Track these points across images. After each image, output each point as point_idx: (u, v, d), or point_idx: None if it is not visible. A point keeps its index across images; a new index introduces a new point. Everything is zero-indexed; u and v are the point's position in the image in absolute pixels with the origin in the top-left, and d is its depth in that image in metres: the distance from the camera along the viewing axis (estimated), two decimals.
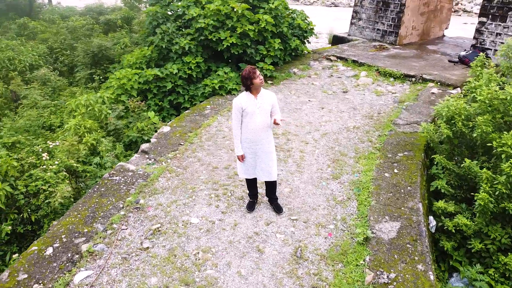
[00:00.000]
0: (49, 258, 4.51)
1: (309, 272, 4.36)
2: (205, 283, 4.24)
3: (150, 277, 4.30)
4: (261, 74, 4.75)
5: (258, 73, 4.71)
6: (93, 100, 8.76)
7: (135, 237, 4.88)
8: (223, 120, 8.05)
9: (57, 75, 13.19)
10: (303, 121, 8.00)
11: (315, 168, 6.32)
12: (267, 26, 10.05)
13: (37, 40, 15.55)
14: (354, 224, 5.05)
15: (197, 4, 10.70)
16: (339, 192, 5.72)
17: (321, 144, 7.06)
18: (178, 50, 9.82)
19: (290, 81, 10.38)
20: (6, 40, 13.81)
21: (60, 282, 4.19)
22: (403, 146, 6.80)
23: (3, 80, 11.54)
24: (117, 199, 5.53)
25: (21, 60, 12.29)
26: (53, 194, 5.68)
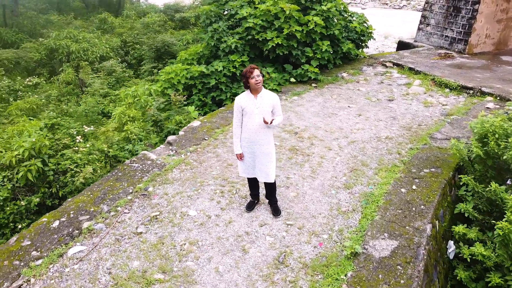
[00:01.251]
0: (53, 230, 4.93)
1: (285, 279, 4.24)
2: (181, 273, 4.33)
3: (133, 260, 4.50)
4: (260, 76, 4.66)
5: (256, 73, 4.63)
6: (141, 91, 9.32)
7: (133, 221, 5.13)
8: None
9: (124, 66, 14.23)
10: (334, 126, 7.75)
11: (329, 176, 6.10)
12: (316, 28, 9.87)
13: (114, 34, 16.90)
14: (349, 237, 4.79)
15: (251, 4, 10.85)
16: (345, 203, 5.46)
17: (344, 152, 6.79)
18: (225, 49, 10.05)
19: (336, 85, 10.08)
20: (86, 33, 15.21)
21: (55, 253, 4.57)
22: (432, 162, 6.28)
23: (75, 69, 12.73)
24: (129, 184, 5.85)
25: (93, 51, 13.46)
26: (77, 174, 6.18)
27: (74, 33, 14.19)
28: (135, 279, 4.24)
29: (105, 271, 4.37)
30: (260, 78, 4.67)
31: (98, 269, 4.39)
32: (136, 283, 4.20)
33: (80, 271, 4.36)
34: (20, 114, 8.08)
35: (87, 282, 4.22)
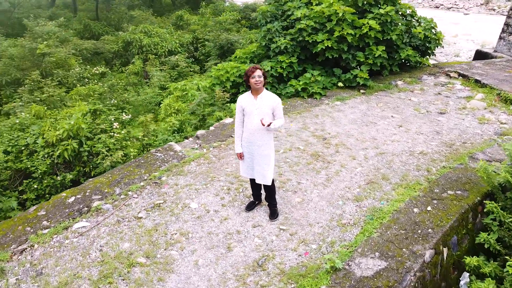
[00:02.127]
0: (67, 205, 5.42)
1: (257, 282, 4.20)
2: (163, 261, 4.50)
3: (125, 242, 4.78)
4: (262, 77, 4.61)
5: (257, 73, 4.60)
6: (190, 86, 9.75)
7: (138, 206, 5.43)
8: (287, 122, 8.00)
9: (191, 62, 14.94)
10: (367, 136, 7.37)
11: (343, 186, 5.85)
12: (370, 32, 9.44)
13: (187, 30, 17.80)
14: (338, 250, 4.57)
15: (308, 5, 10.71)
16: (349, 215, 5.20)
17: (368, 163, 6.44)
18: (275, 49, 10.06)
19: (386, 93, 9.55)
20: (159, 28, 16.24)
21: (62, 225, 5.03)
22: (461, 183, 5.69)
23: (144, 61, 13.69)
24: (146, 172, 6.19)
25: (163, 46, 14.33)
26: (107, 157, 6.70)
27: (148, 28, 15.29)
28: (120, 259, 4.51)
29: (98, 247, 4.71)
30: (260, 79, 4.63)
31: (93, 245, 4.74)
32: (119, 263, 4.46)
33: (77, 245, 4.75)
34: (78, 99, 8.98)
35: (78, 255, 4.58)
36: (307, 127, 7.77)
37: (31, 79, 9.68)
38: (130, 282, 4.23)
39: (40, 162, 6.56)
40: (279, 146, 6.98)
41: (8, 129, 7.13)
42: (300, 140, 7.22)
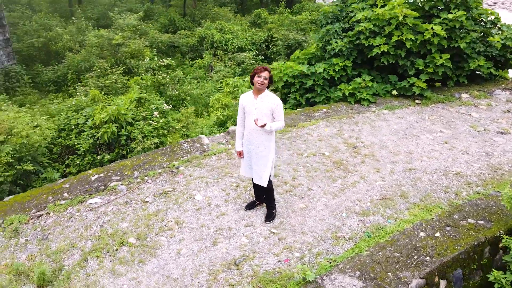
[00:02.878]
0: (89, 181, 5.95)
1: (227, 280, 4.21)
2: (150, 244, 4.73)
3: (124, 222, 5.12)
4: (267, 80, 4.58)
5: (264, 74, 4.58)
6: (240, 82, 9.96)
7: (149, 191, 5.76)
8: (323, 127, 7.78)
9: (260, 59, 15.18)
10: (403, 149, 6.86)
11: (354, 198, 5.54)
12: (433, 38, 8.71)
13: (263, 29, 18.07)
14: (320, 263, 4.37)
15: (373, 7, 10.21)
16: (348, 229, 4.93)
17: (392, 178, 6.00)
18: (331, 51, 9.79)
19: (444, 105, 8.74)
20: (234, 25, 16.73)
21: (78, 199, 5.54)
22: (488, 213, 5.04)
23: (213, 56, 14.26)
24: (167, 160, 6.52)
25: (233, 42, 14.77)
26: (140, 143, 7.18)
27: (223, 24, 15.84)
28: (114, 237, 4.84)
29: (100, 223, 5.11)
30: (266, 81, 4.59)
31: (96, 221, 5.15)
32: (112, 240, 4.79)
33: (84, 218, 5.20)
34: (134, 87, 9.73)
35: (81, 227, 5.02)
36: (341, 133, 7.48)
37: (98, 66, 10.75)
38: (114, 259, 4.52)
39: (85, 141, 7.27)
40: (305, 150, 6.83)
41: (66, 109, 8.02)
42: (328, 146, 6.98)
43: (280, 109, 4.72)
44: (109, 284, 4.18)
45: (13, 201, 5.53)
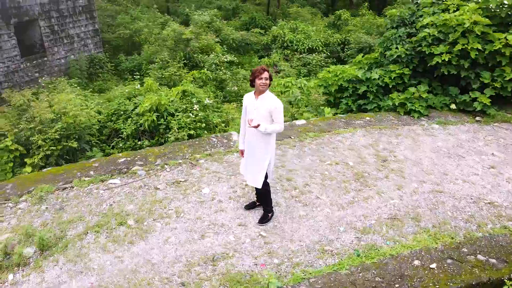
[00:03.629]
0: (115, 163, 6.45)
1: (199, 273, 4.29)
2: (145, 228, 5.00)
3: (131, 205, 5.48)
4: (268, 80, 4.54)
5: (265, 75, 4.54)
6: (291, 83, 9.91)
7: (164, 179, 6.06)
8: (359, 136, 7.40)
9: (331, 62, 14.85)
10: (439, 169, 6.25)
11: (360, 213, 5.23)
12: (504, 49, 7.72)
13: (343, 31, 17.58)
14: (295, 274, 4.23)
15: (445, 12, 9.36)
16: (339, 244, 4.68)
17: (412, 198, 5.53)
18: (389, 57, 9.23)
19: (509, 126, 7.71)
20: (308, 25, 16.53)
21: (101, 178, 6.06)
22: (506, 252, 4.40)
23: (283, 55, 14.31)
24: (191, 152, 6.77)
25: (304, 43, 14.65)
26: (175, 133, 7.56)
27: (298, 24, 15.73)
28: (116, 217, 5.21)
29: (110, 202, 5.53)
30: (267, 81, 4.56)
31: (108, 200, 5.59)
32: (114, 219, 5.16)
33: (99, 196, 5.68)
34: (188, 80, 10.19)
35: (94, 204, 5.49)
36: (376, 144, 7.05)
37: (160, 58, 11.50)
38: (109, 236, 4.88)
39: (129, 126, 7.87)
40: (330, 158, 6.59)
41: (120, 95, 8.76)
42: (356, 156, 6.64)
43: (279, 112, 4.63)
44: (95, 257, 4.53)
45: (49, 173, 6.24)
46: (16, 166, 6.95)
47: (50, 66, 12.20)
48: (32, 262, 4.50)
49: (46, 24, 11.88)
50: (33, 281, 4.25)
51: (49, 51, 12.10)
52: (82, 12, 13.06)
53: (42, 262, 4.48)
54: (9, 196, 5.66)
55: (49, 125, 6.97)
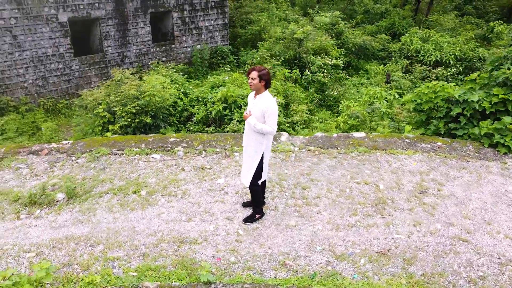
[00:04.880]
0: (166, 142, 7.22)
1: (162, 250, 4.64)
2: (151, 201, 5.57)
3: (153, 178, 6.13)
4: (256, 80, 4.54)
5: (251, 75, 4.55)
6: (381, 94, 9.30)
7: (194, 162, 6.57)
8: (414, 160, 6.58)
9: (460, 79, 13.12)
10: (483, 216, 5.18)
11: (351, 239, 4.79)
12: None
13: (492, 45, 15.21)
14: (239, 275, 4.23)
15: None
16: (304, 262, 4.43)
17: (421, 238, 4.77)
18: (496, 78, 7.78)
19: None
20: (447, 37, 14.73)
21: (146, 151, 6.91)
22: None
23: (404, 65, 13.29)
24: (233, 144, 7.10)
25: (431, 54, 13.28)
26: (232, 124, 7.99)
27: (432, 33, 14.07)
28: (136, 186, 5.92)
29: (140, 173, 6.30)
30: (253, 81, 4.60)
31: (141, 170, 6.36)
32: (133, 188, 5.88)
33: (135, 164, 6.51)
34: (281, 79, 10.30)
35: (127, 171, 6.33)
36: (427, 173, 6.19)
37: (258, 54, 11.84)
38: (120, 200, 5.61)
39: (201, 112, 8.63)
40: (363, 176, 6.10)
41: (206, 84, 9.58)
42: (392, 181, 5.98)
43: (271, 114, 4.59)
44: (99, 214, 5.31)
45: (113, 139, 7.38)
46: (104, 130, 8.38)
47: (176, 53, 13.98)
48: (57, 205, 5.54)
49: (179, 16, 13.61)
50: (49, 219, 5.26)
51: (177, 40, 13.85)
52: (214, 7, 14.48)
53: (62, 207, 5.48)
54: (75, 151, 6.96)
55: (132, 100, 8.17)
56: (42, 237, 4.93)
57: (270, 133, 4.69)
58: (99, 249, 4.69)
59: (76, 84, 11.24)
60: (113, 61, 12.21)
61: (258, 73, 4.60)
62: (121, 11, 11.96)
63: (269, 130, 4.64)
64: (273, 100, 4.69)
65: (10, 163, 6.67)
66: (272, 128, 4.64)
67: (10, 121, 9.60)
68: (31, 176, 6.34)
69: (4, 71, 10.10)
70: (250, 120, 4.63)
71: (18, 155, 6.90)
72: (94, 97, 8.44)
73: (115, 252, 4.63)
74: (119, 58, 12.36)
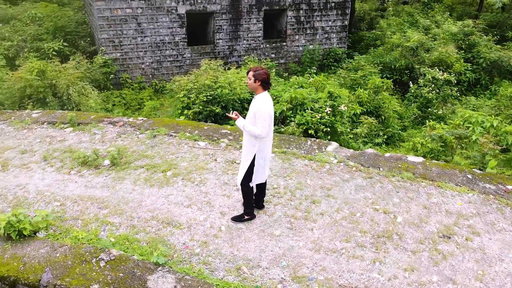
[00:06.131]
0: (217, 132, 7.63)
1: (148, 226, 5.05)
2: (171, 182, 6.05)
3: (185, 162, 6.59)
4: (250, 79, 4.57)
5: (249, 75, 4.63)
6: (477, 120, 8.03)
7: (230, 155, 6.80)
8: (462, 200, 5.52)
9: None
10: (502, 284, 4.12)
11: (323, 264, 4.41)
12: None
13: None
14: (193, 266, 4.36)
15: None
16: (258, 273, 4.30)
17: (403, 281, 4.09)
18: None
19: None
20: None
21: (196, 137, 7.42)
22: None
23: None
24: (275, 145, 7.06)
25: None
26: (290, 126, 7.93)
27: None
28: (167, 165, 6.46)
29: (178, 156, 6.83)
30: (249, 81, 4.63)
31: (181, 154, 6.90)
32: (165, 166, 6.44)
33: (180, 149, 7.08)
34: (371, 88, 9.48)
35: (170, 153, 6.94)
36: (468, 218, 5.16)
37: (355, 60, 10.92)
38: (148, 176, 6.23)
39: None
40: (386, 204, 5.44)
41: (289, 83, 9.60)
42: (418, 217, 5.18)
43: (259, 116, 4.55)
44: (125, 183, 6.04)
45: (176, 122, 8.12)
46: (182, 113, 9.24)
47: (286, 51, 14.15)
48: (101, 169, 6.48)
49: (294, 15, 13.71)
50: (87, 179, 6.22)
51: (289, 38, 13.99)
52: (334, 8, 14.12)
53: (103, 172, 6.40)
54: (141, 127, 7.92)
55: (206, 90, 8.80)
56: (74, 192, 5.89)
57: (258, 136, 4.63)
58: (104, 212, 5.38)
59: (186, 70, 12.52)
60: (222, 53, 13.15)
61: (254, 73, 4.59)
62: (235, 7, 12.76)
63: (257, 133, 4.59)
64: (266, 102, 4.61)
65: (91, 128, 7.99)
66: (260, 131, 4.57)
67: (124, 94, 11.35)
68: (100, 142, 7.50)
69: (127, 52, 11.96)
70: (238, 123, 4.64)
71: (100, 123, 8.20)
72: (180, 83, 9.35)
73: (113, 218, 5.25)
74: (228, 51, 13.25)
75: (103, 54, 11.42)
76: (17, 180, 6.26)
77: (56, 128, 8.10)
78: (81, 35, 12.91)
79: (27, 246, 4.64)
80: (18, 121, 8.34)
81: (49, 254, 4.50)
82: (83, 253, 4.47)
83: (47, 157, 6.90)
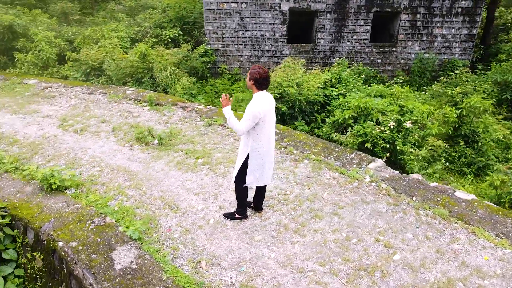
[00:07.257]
0: None
1: (154, 205, 5.46)
2: (197, 168, 6.39)
3: (220, 154, 6.81)
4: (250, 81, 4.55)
5: (248, 76, 4.61)
6: None
7: None
8: (492, 254, 4.46)
9: None
10: None
11: (284, 282, 4.16)
12: None
13: None
14: (164, 253, 4.61)
15: None
16: (213, 274, 4.30)
17: None
18: None
19: None
20: None
21: None
22: None
23: None
24: (318, 153, 6.76)
25: None
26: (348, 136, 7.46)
27: None
28: (203, 153, 6.82)
29: (220, 145, 7.11)
30: (248, 82, 4.60)
31: (223, 145, 7.16)
32: (200, 153, 6.80)
33: (224, 138, 7.34)
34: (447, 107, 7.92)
35: (212, 142, 7.27)
36: (484, 277, 4.18)
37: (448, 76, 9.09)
38: (182, 159, 6.67)
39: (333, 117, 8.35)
40: (396, 241, 4.77)
41: (369, 91, 8.91)
42: (421, 259, 4.42)
43: (245, 114, 4.55)
44: (159, 162, 6.60)
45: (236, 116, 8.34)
46: None
47: (395, 57, 12.91)
48: (149, 146, 7.18)
49: (408, 19, 12.38)
50: (133, 153, 6.99)
51: (400, 43, 12.71)
52: (460, 14, 12.27)
53: (149, 149, 7.10)
54: (203, 115, 8.41)
55: (277, 87, 8.83)
56: (117, 162, 6.68)
57: (236, 131, 4.61)
58: (126, 184, 6.00)
59: None
60: (323, 53, 12.78)
61: (250, 71, 4.56)
62: (342, 7, 12.21)
63: (235, 127, 4.57)
64: (257, 102, 4.54)
65: (164, 110, 8.82)
66: (239, 127, 4.52)
67: (218, 83, 12.09)
68: (164, 122, 8.26)
69: (228, 44, 12.60)
70: (224, 110, 4.66)
71: (174, 106, 8.99)
72: None
73: (130, 190, 5.83)
74: (329, 52, 12.81)
75: (206, 44, 12.33)
76: (84, 144, 7.38)
77: (138, 105, 9.19)
78: (197, 26, 14.12)
79: (52, 198, 5.51)
80: (113, 95, 9.72)
81: (62, 208, 5.27)
82: (84, 213, 5.11)
83: (115, 129, 7.92)
